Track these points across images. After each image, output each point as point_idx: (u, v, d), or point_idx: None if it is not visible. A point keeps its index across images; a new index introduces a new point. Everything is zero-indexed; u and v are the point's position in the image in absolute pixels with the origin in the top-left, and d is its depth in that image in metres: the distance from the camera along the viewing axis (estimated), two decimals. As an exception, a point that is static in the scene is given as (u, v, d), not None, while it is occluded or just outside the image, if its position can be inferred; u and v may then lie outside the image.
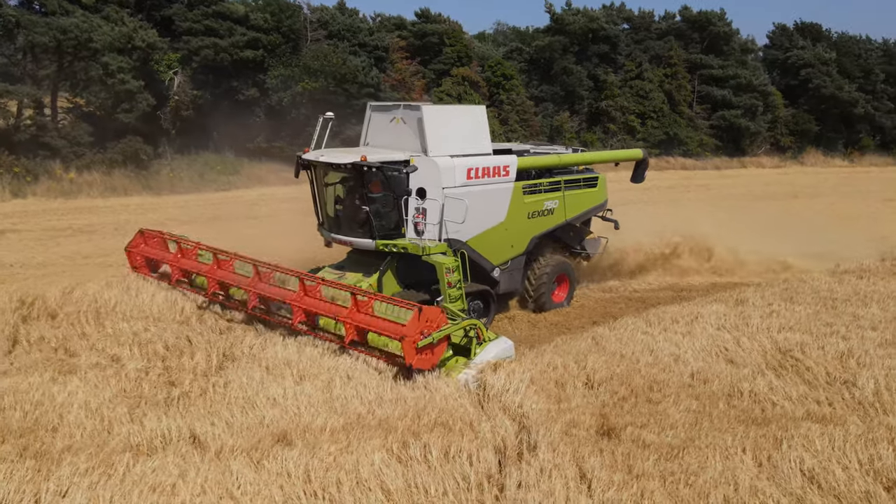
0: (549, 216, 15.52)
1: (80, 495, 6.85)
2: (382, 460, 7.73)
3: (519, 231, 14.88)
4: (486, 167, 13.99)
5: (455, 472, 7.64)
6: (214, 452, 7.88)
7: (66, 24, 28.01)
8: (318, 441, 8.13)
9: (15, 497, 6.88)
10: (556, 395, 9.68)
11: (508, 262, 14.86)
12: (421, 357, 9.85)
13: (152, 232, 14.81)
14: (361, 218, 13.35)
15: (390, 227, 13.36)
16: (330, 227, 14.26)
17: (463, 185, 13.55)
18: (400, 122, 13.85)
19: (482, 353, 10.57)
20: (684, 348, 11.47)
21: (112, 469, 7.30)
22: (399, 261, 13.63)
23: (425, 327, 9.83)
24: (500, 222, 14.48)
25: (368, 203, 13.13)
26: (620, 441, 8.29)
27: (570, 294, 16.17)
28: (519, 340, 13.41)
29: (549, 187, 15.49)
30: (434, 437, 8.22)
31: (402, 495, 7.24)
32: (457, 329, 10.43)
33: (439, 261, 12.71)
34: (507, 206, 14.54)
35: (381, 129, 14.33)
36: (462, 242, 13.71)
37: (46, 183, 27.74)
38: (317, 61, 34.24)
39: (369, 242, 13.35)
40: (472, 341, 10.60)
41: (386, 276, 13.51)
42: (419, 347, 9.71)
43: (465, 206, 12.97)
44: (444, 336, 10.12)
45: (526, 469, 7.66)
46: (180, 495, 7.02)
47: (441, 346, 10.20)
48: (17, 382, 9.40)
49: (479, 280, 14.19)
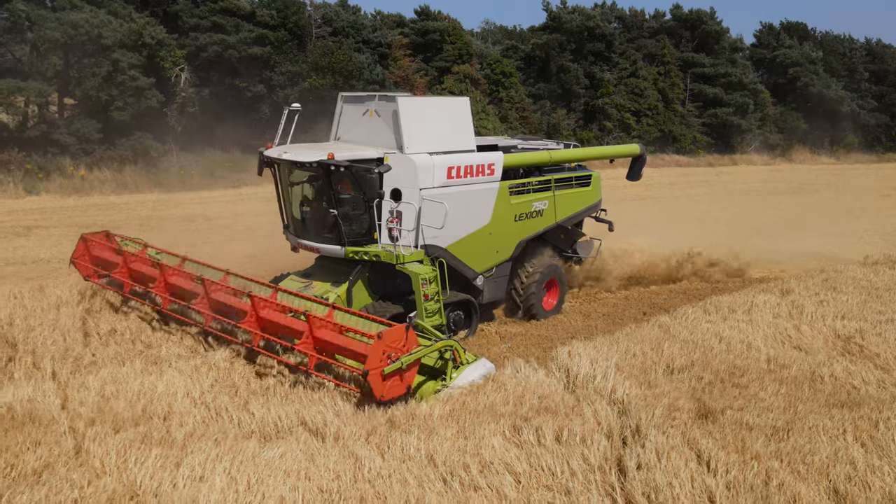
0: (537, 218, 14.19)
1: (218, 480, 6.90)
2: (501, 444, 7.86)
3: (505, 235, 13.59)
4: (468, 165, 12.67)
5: (574, 454, 7.77)
6: (333, 438, 7.96)
7: (76, 20, 27.72)
8: (431, 427, 8.23)
9: (151, 483, 6.91)
10: (644, 380, 9.85)
11: (493, 269, 13.59)
12: (389, 384, 8.70)
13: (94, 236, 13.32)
14: (329, 222, 12.08)
15: (361, 232, 12.09)
16: (296, 230, 12.92)
17: (443, 186, 12.21)
18: (374, 115, 12.54)
19: (458, 379, 9.42)
20: (751, 335, 11.74)
21: (241, 455, 7.36)
22: (371, 269, 12.34)
23: (391, 350, 8.68)
24: (483, 226, 13.16)
25: (337, 205, 11.87)
26: (722, 424, 8.47)
27: (560, 300, 14.84)
28: (576, 331, 13.65)
29: (538, 187, 14.16)
30: (543, 421, 8.36)
31: (530, 477, 7.36)
32: (429, 352, 9.30)
33: (414, 271, 11.55)
34: (491, 208, 13.24)
35: (353, 122, 12.97)
36: (441, 249, 12.43)
37: (58, 180, 27.47)
38: (324, 58, 34.18)
39: (338, 249, 12.07)
40: (447, 364, 9.49)
41: (356, 286, 12.17)
42: (385, 374, 8.60)
43: (445, 210, 11.67)
44: (414, 360, 8.97)
45: (640, 451, 7.81)
46: (314, 479, 7.09)
47: (412, 371, 9.03)
48: (112, 373, 9.40)
49: (461, 289, 12.94)
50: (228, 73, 34.75)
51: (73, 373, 9.72)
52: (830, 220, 25.03)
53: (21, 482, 6.86)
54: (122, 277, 12.26)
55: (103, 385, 9.03)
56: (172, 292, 11.60)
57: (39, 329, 11.19)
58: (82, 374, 9.63)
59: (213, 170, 31.73)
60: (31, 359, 10.27)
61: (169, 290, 11.58)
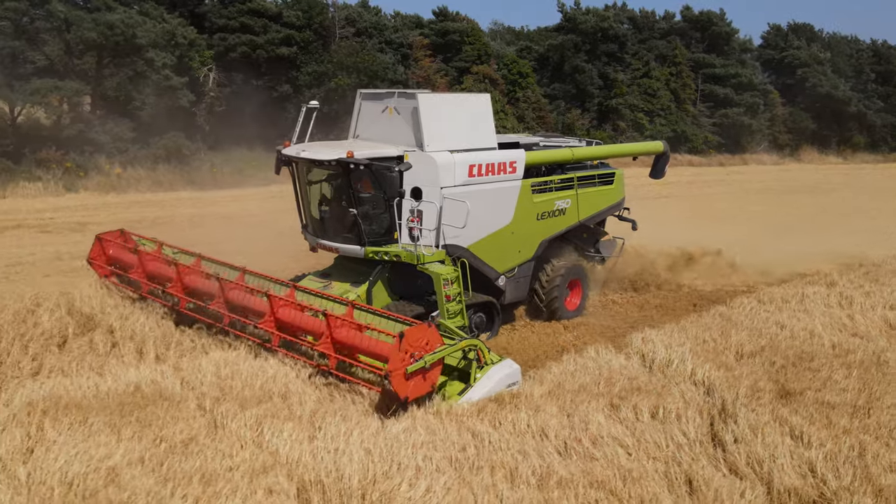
0: (560, 217, 13.91)
1: (354, 451, 7.42)
2: (604, 420, 8.43)
3: (527, 234, 13.33)
4: (490, 163, 12.41)
5: (672, 429, 8.35)
6: (446, 415, 8.49)
7: (111, 20, 28.21)
8: (537, 405, 8.78)
9: (291, 454, 7.42)
10: (720, 364, 10.40)
11: (515, 268, 13.31)
12: (413, 384, 8.51)
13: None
14: (349, 221, 11.80)
15: (381, 231, 11.84)
16: (314, 230, 12.67)
17: (464, 185, 11.96)
18: (393, 112, 12.25)
19: (483, 380, 9.20)
20: (810, 324, 12.33)
21: (368, 430, 7.91)
22: (391, 269, 12.09)
23: (414, 348, 8.50)
24: (505, 225, 12.91)
25: (356, 205, 11.59)
26: (805, 402, 9.04)
27: (583, 301, 14.55)
28: (634, 321, 14.19)
29: (560, 185, 13.89)
30: (638, 400, 8.93)
31: (639, 449, 7.92)
32: (453, 351, 9.07)
33: (436, 271, 11.30)
34: (513, 207, 12.98)
35: (371, 120, 12.70)
36: (463, 249, 12.17)
37: (96, 178, 27.92)
38: (350, 58, 34.73)
39: (358, 249, 11.82)
40: (471, 364, 9.26)
41: (376, 286, 11.92)
42: (409, 373, 8.40)
43: (468, 209, 11.42)
44: (437, 359, 8.77)
45: (734, 427, 8.37)
46: (441, 451, 7.63)
47: (436, 370, 8.82)
48: (224, 357, 9.92)
49: (482, 290, 12.66)
50: (255, 73, 35.27)
51: (181, 357, 10.23)
52: (848, 218, 25.64)
53: (174, 453, 7.39)
54: (138, 277, 12.31)
55: (217, 367, 9.54)
56: (189, 292, 11.61)
57: (133, 317, 11.69)
58: (190, 357, 10.15)
59: (241, 168, 32.20)
60: (132, 344, 10.78)
61: (185, 290, 11.60)
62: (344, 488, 6.94)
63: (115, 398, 8.72)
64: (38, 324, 11.37)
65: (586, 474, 7.26)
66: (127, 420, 8.01)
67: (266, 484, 6.88)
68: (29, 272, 15.51)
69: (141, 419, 8.07)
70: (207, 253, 12.49)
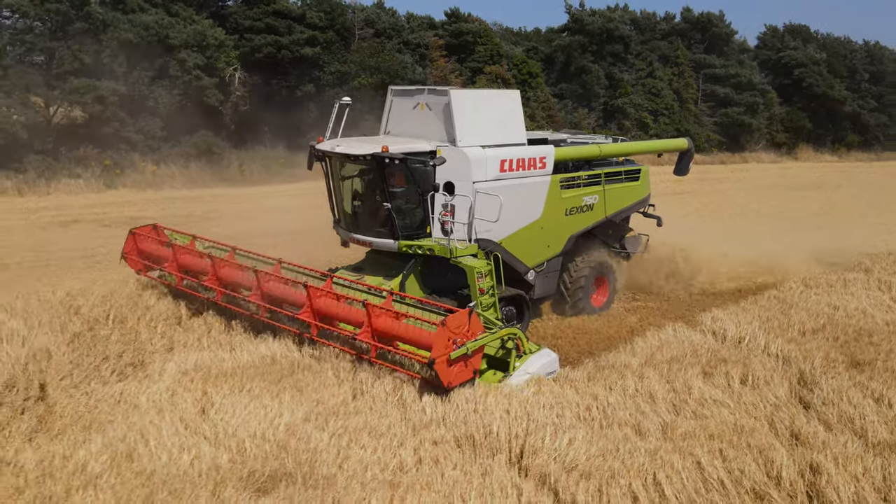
0: (588, 213, 14.08)
1: (497, 410, 8.31)
2: (703, 385, 9.39)
3: (556, 229, 13.51)
4: (521, 159, 12.57)
5: (763, 393, 9.32)
6: (563, 380, 9.43)
7: (147, 21, 28.92)
8: (641, 373, 9.74)
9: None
10: (789, 339, 11.39)
11: (544, 263, 13.51)
12: (455, 370, 8.71)
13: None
14: (382, 215, 11.93)
15: (414, 225, 11.95)
16: (347, 225, 12.77)
17: (496, 179, 12.14)
18: (425, 108, 12.37)
19: (523, 367, 9.50)
20: (859, 305, 13.32)
21: (500, 393, 8.79)
22: (424, 263, 12.24)
23: (455, 335, 8.73)
24: (535, 220, 13.09)
25: (390, 199, 11.69)
26: (879, 370, 10.00)
27: (609, 298, 14.78)
28: (688, 305, 15.14)
29: (588, 181, 14.07)
30: (728, 368, 9.89)
31: (739, 409, 8.87)
32: (494, 339, 9.31)
33: (470, 264, 11.42)
34: (543, 202, 13.16)
35: (403, 116, 12.87)
36: (494, 243, 12.34)
37: (132, 175, 28.62)
38: (372, 58, 35.59)
39: (391, 243, 11.93)
40: (510, 353, 9.50)
41: (409, 280, 12.09)
42: (452, 359, 8.59)
43: (500, 203, 11.56)
44: (479, 346, 8.98)
45: (818, 392, 9.34)
46: (569, 409, 8.58)
47: (477, 357, 9.02)
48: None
49: (511, 284, 12.72)
50: (278, 73, 36.01)
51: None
52: (861, 213, 26.82)
53: (335, 413, 8.28)
54: (171, 270, 12.48)
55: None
56: (224, 284, 11.77)
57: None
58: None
59: (268, 165, 32.98)
60: (240, 323, 11.60)
61: (220, 282, 11.76)
62: (493, 442, 7.84)
63: (258, 368, 9.59)
64: (150, 306, 12.20)
65: (703, 429, 8.20)
66: (283, 386, 8.89)
67: (430, 437, 7.78)
68: (109, 262, 16.25)
69: (293, 385, 8.95)
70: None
